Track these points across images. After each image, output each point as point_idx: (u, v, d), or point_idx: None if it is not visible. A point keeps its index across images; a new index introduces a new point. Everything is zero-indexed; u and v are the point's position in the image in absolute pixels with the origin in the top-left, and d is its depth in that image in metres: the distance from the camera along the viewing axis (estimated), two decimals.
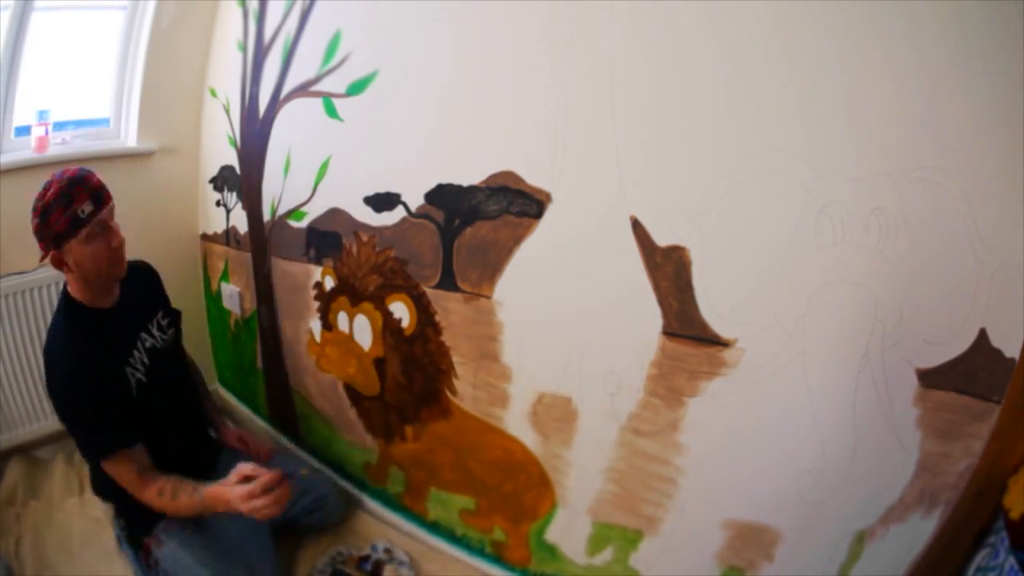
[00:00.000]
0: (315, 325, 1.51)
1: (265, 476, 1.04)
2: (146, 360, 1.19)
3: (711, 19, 0.89)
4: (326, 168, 1.38)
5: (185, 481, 1.11)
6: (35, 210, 1.04)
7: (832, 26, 0.82)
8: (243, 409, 1.92)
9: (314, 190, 1.42)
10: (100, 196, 1.06)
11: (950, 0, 0.77)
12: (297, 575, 1.35)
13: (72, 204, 1.02)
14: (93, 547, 1.34)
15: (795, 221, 0.88)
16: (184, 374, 1.36)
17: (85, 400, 1.06)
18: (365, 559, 1.34)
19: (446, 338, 1.25)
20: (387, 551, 1.37)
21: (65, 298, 1.12)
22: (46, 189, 1.04)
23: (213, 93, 1.70)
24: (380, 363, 1.37)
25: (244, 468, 1.07)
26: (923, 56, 0.79)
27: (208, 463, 1.33)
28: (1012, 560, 0.75)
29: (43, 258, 1.06)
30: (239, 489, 1.04)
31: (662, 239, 0.97)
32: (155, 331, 1.24)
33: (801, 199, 0.87)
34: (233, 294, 1.77)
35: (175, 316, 1.33)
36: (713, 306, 0.96)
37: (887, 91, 0.81)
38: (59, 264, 1.06)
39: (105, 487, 1.20)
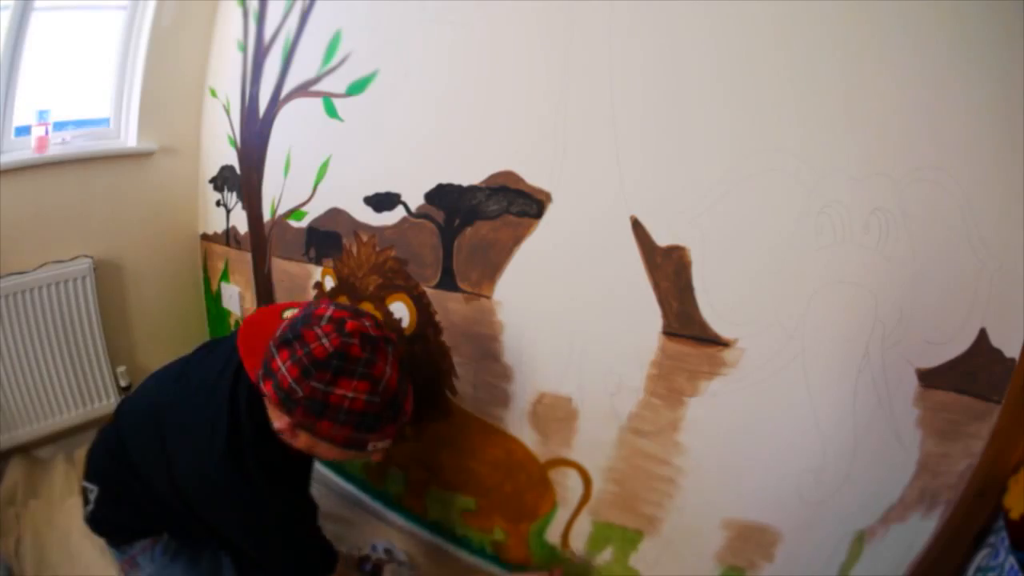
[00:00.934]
0: None
1: None
2: None
3: (711, 19, 0.89)
4: (326, 168, 1.38)
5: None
6: (305, 383, 0.76)
7: (832, 26, 0.82)
8: None
9: (314, 190, 1.42)
10: (400, 432, 0.87)
11: (949, 0, 0.77)
12: None
13: (372, 433, 0.80)
14: (93, 547, 1.34)
15: (795, 221, 0.88)
16: None
17: (284, 525, 0.89)
18: (365, 559, 1.34)
19: (446, 338, 1.25)
20: (387, 551, 1.37)
21: (261, 425, 0.87)
22: (342, 375, 0.75)
23: (213, 93, 1.70)
24: None
25: None
26: (923, 56, 0.79)
27: None
28: (1012, 560, 0.75)
29: (281, 431, 0.83)
30: None
31: (662, 239, 0.97)
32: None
33: (801, 199, 0.87)
34: (233, 294, 1.77)
35: None
36: (713, 306, 0.96)
37: (887, 91, 0.81)
38: (290, 432, 0.83)
39: (102, 521, 1.06)
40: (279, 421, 0.82)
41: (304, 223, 1.47)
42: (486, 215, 1.13)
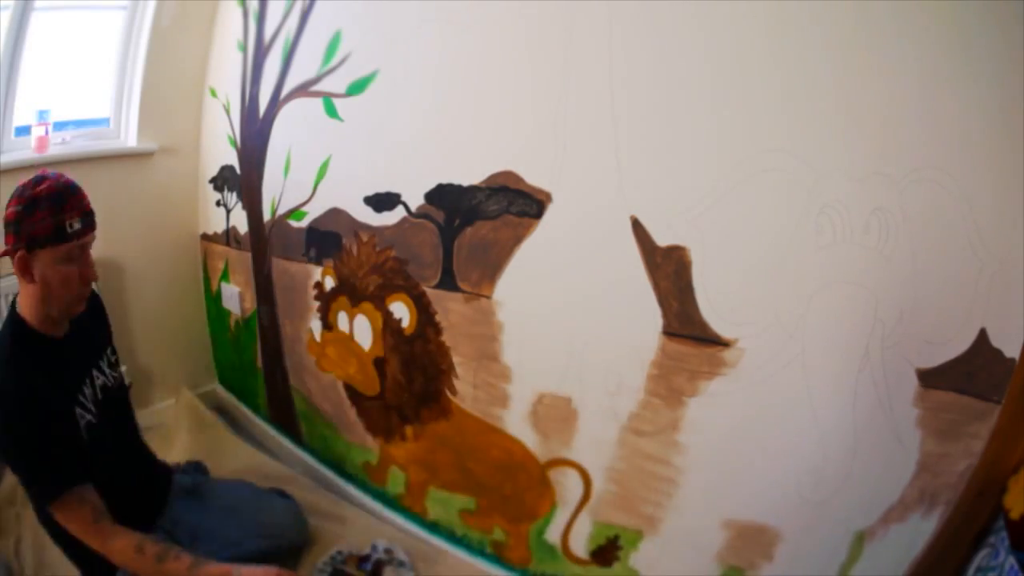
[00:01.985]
0: (315, 325, 1.51)
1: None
2: (99, 398, 1.08)
3: (711, 19, 0.89)
4: (326, 168, 1.38)
5: (175, 547, 0.98)
6: (19, 198, 0.94)
7: (832, 27, 0.82)
8: (243, 409, 1.92)
9: (314, 190, 1.42)
10: (90, 219, 0.99)
11: (949, 0, 0.77)
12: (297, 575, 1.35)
13: (63, 212, 0.94)
14: None
15: (795, 221, 0.88)
16: (132, 415, 1.24)
17: (34, 432, 0.93)
18: (365, 559, 1.34)
19: (446, 338, 1.25)
20: (388, 551, 1.36)
21: (12, 318, 1.00)
22: (38, 182, 0.95)
23: (213, 93, 1.70)
24: (380, 363, 1.37)
25: (269, 571, 0.96)
26: (922, 56, 0.79)
27: (159, 509, 1.21)
28: (1012, 560, 0.75)
29: (6, 252, 0.95)
30: (256, 572, 0.94)
31: (662, 239, 0.97)
32: (106, 367, 1.13)
33: (801, 199, 0.87)
34: (233, 294, 1.77)
35: (116, 354, 1.21)
36: (713, 306, 0.96)
37: (887, 91, 0.81)
38: (23, 269, 0.95)
39: (57, 531, 1.03)
40: (15, 262, 0.96)
41: (304, 223, 1.47)
42: (486, 215, 1.13)
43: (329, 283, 1.44)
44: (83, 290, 1.01)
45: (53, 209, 0.94)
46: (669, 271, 0.98)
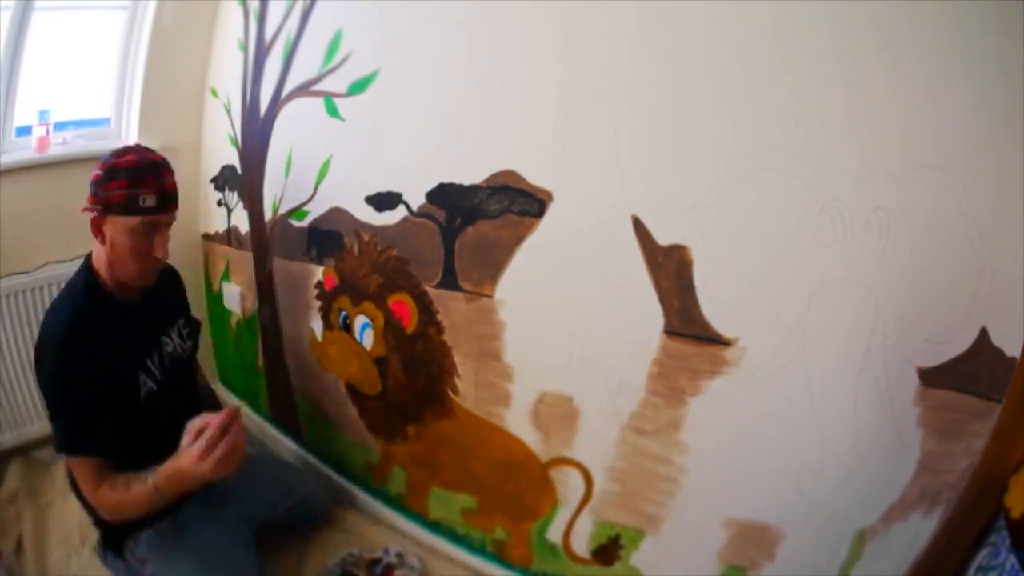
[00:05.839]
0: (317, 324, 1.51)
1: (215, 419, 0.94)
2: (165, 365, 1.12)
3: (712, 18, 0.89)
4: (327, 167, 1.38)
5: (140, 473, 0.99)
6: (104, 164, 0.99)
7: (833, 25, 0.83)
8: (245, 409, 1.92)
9: (315, 189, 1.42)
10: (167, 198, 1.03)
11: (950, 0, 0.77)
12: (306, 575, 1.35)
13: (139, 186, 0.98)
14: (93, 547, 1.34)
15: (796, 220, 0.88)
16: (194, 389, 1.28)
17: (75, 388, 0.95)
18: (376, 562, 1.34)
19: (448, 337, 1.26)
20: (399, 555, 1.36)
21: (86, 273, 1.03)
22: (124, 152, 1.00)
23: (214, 93, 1.70)
24: (382, 362, 1.38)
25: (193, 423, 0.96)
26: (924, 55, 0.79)
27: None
28: (1013, 559, 0.75)
29: (87, 209, 1.00)
30: (192, 451, 0.92)
31: (663, 238, 0.97)
32: (176, 337, 1.17)
33: (802, 198, 0.87)
34: (234, 294, 1.77)
35: (196, 325, 1.26)
36: (714, 305, 0.96)
37: (888, 90, 0.82)
38: (97, 229, 1.01)
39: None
40: (91, 221, 1.01)
41: (305, 223, 1.47)
42: (488, 214, 1.13)
43: (330, 283, 1.44)
44: (148, 265, 1.04)
45: (130, 181, 0.98)
46: (670, 270, 0.98)
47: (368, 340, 1.38)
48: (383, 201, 1.29)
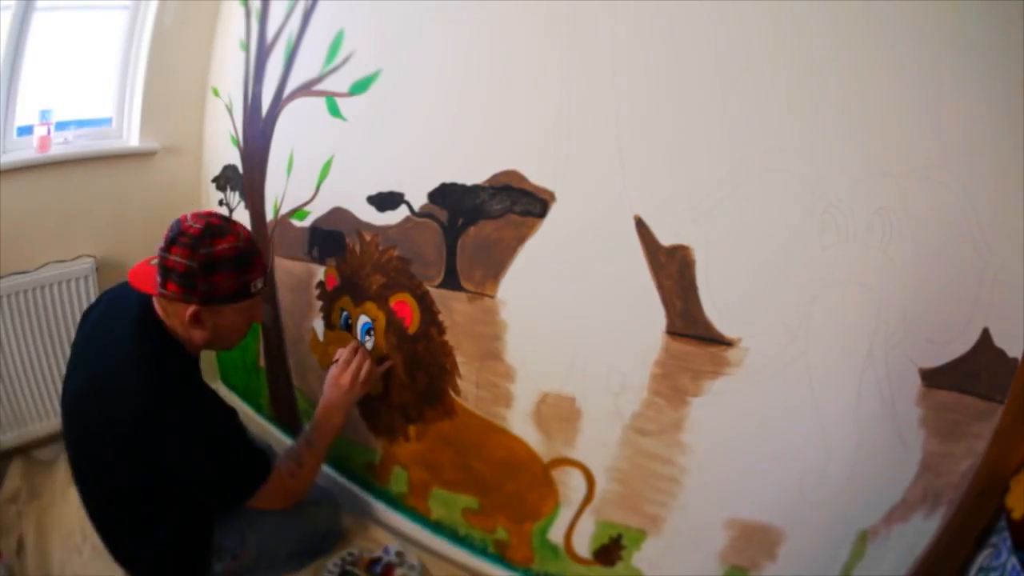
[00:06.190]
0: (318, 324, 1.51)
1: (344, 352, 1.13)
2: None
3: (713, 19, 0.89)
4: (329, 167, 1.38)
5: (288, 450, 1.12)
6: (191, 251, 0.91)
7: (834, 26, 0.83)
8: (246, 408, 1.92)
9: (317, 189, 1.42)
10: (268, 270, 1.04)
11: (950, 0, 0.77)
12: (305, 574, 1.35)
13: (248, 272, 0.96)
14: (94, 547, 1.34)
15: (798, 221, 0.88)
16: None
17: (223, 436, 0.99)
18: (376, 561, 1.34)
19: (449, 337, 1.26)
20: (399, 554, 1.36)
21: (163, 336, 0.99)
22: (216, 237, 0.93)
23: (216, 92, 1.70)
24: (383, 362, 1.38)
25: (333, 369, 1.14)
26: (925, 55, 0.79)
27: None
28: (1014, 560, 0.75)
29: (183, 304, 0.94)
30: (330, 378, 1.10)
31: (666, 238, 0.97)
32: None
33: (804, 198, 0.87)
34: None
35: None
36: (717, 305, 0.96)
37: (889, 90, 0.82)
38: (196, 321, 0.96)
39: (137, 550, 1.09)
40: (185, 313, 0.94)
41: (307, 222, 1.47)
42: (490, 214, 1.13)
43: (332, 282, 1.44)
44: (248, 329, 1.06)
45: (239, 270, 0.95)
46: (673, 270, 0.98)
47: (369, 340, 1.38)
48: (385, 201, 1.29)
